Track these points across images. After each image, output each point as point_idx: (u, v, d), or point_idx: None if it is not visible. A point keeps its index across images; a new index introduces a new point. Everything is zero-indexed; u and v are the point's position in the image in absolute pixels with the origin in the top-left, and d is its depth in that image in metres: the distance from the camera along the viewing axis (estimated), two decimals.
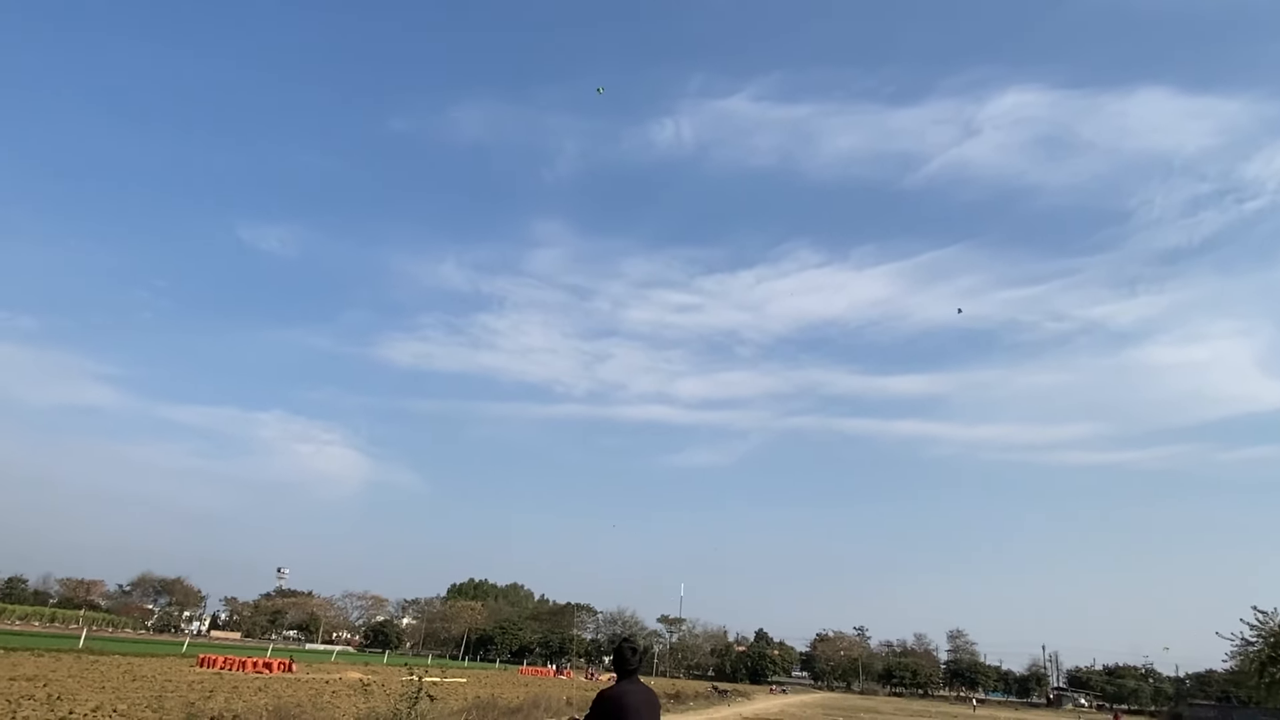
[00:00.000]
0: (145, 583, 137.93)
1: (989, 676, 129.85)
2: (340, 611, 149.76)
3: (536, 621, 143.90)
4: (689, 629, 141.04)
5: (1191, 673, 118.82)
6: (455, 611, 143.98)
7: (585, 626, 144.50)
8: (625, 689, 6.06)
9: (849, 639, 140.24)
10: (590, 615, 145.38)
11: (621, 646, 6.24)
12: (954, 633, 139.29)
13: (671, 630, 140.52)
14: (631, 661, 6.19)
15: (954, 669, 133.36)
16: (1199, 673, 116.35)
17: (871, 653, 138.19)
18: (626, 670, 6.19)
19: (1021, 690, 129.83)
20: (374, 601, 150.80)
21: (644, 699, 6.07)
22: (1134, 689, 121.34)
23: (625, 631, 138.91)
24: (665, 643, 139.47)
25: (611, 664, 6.17)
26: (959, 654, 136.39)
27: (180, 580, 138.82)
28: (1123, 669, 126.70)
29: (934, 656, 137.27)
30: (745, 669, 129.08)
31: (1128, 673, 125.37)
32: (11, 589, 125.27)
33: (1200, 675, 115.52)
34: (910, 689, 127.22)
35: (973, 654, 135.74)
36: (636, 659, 6.23)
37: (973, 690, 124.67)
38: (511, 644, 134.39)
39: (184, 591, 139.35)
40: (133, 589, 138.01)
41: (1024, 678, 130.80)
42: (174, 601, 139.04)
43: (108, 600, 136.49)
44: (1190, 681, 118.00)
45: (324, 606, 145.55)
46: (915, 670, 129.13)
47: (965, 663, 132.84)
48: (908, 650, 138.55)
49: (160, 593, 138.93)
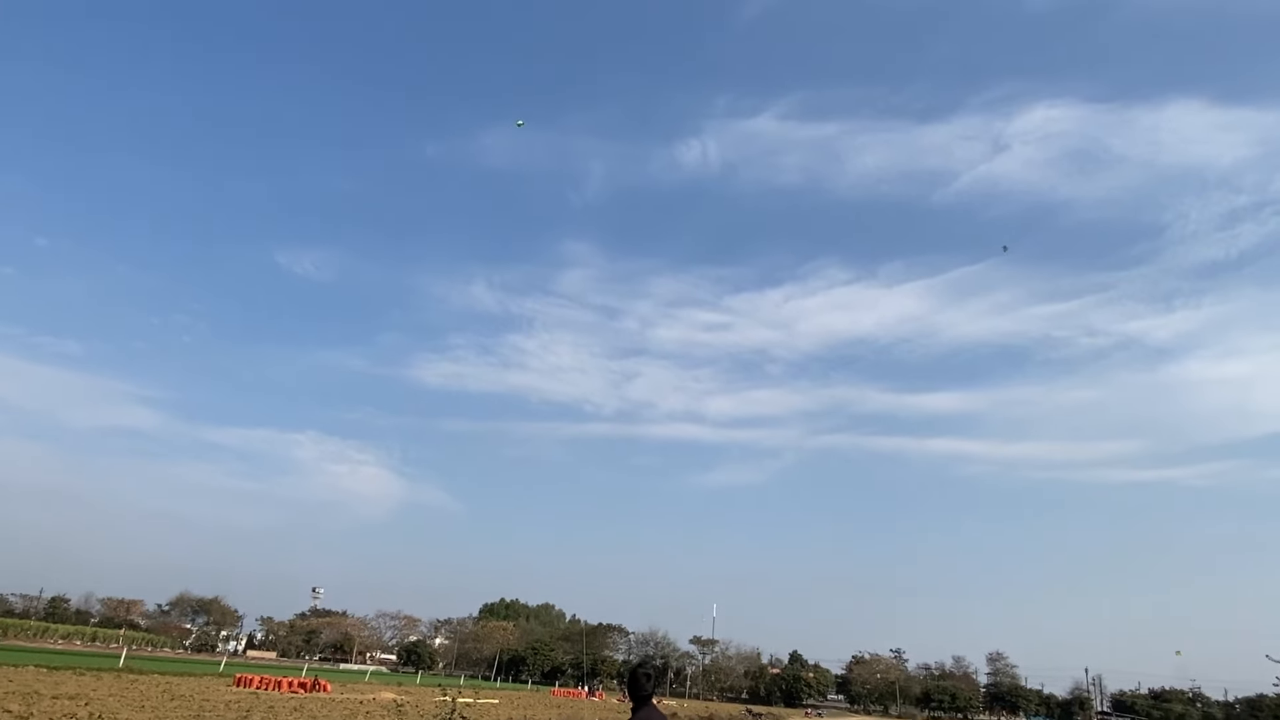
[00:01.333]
0: (183, 602, 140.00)
1: (1030, 700, 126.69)
2: (374, 631, 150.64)
3: (568, 642, 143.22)
4: (722, 650, 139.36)
5: (1241, 697, 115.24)
6: (487, 632, 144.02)
7: (617, 647, 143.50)
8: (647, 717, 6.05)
9: (885, 661, 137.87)
10: (622, 636, 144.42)
11: (635, 673, 6.19)
12: (993, 655, 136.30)
13: (704, 651, 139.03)
14: (646, 687, 6.15)
15: (994, 692, 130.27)
16: (1249, 697, 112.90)
17: (909, 676, 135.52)
18: (641, 696, 6.15)
19: (1065, 715, 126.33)
20: (407, 621, 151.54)
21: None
22: (1181, 713, 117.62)
23: (657, 652, 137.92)
24: (698, 664, 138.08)
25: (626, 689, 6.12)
26: (999, 677, 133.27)
27: (217, 600, 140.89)
28: (1169, 692, 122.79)
29: (973, 680, 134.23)
30: (779, 692, 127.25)
31: (1174, 696, 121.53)
32: (55, 608, 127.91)
33: (1251, 700, 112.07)
34: (949, 713, 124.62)
35: (1013, 677, 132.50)
36: (651, 684, 6.18)
37: (1014, 715, 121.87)
38: (543, 665, 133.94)
39: (221, 611, 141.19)
40: (171, 609, 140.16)
41: (1066, 701, 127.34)
42: (211, 621, 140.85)
43: (147, 620, 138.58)
44: (1240, 706, 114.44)
45: (358, 626, 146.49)
46: (954, 694, 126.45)
47: (1005, 686, 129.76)
48: (946, 673, 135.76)
49: (198, 612, 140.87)
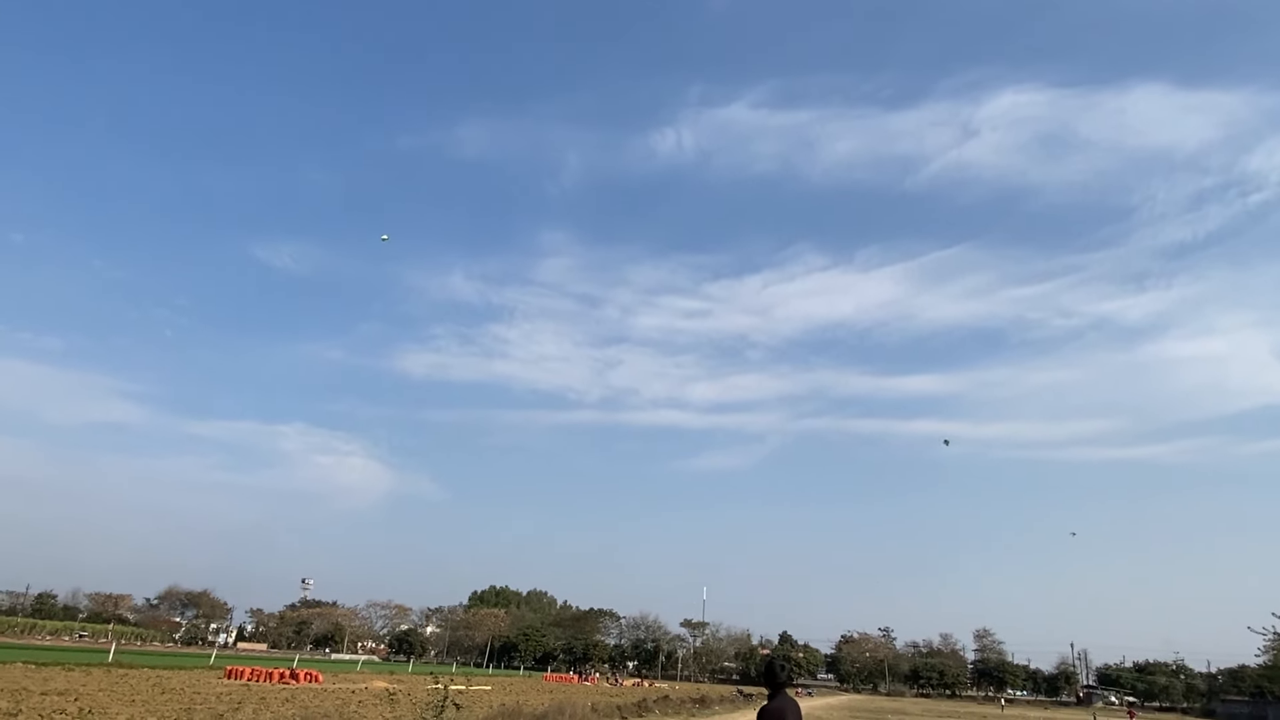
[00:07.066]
0: (172, 596, 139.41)
1: (1017, 676, 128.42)
2: (364, 621, 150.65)
3: (559, 628, 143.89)
4: (712, 632, 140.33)
5: (1224, 668, 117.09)
6: (478, 619, 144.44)
7: (608, 632, 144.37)
8: (783, 704, 6.38)
9: (874, 640, 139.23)
10: (613, 621, 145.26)
11: (772, 664, 6.58)
12: (980, 632, 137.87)
13: (694, 634, 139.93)
14: (780, 676, 6.50)
15: (981, 669, 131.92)
16: (1231, 668, 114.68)
17: (897, 654, 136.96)
18: (776, 684, 6.50)
19: (1050, 689, 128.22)
20: (397, 611, 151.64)
21: (795, 711, 6.42)
22: (1165, 685, 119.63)
23: (648, 636, 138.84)
24: (689, 647, 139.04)
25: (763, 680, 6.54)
26: (986, 654, 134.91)
27: (206, 593, 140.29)
28: (1153, 665, 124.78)
29: (961, 657, 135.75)
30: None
31: (1158, 669, 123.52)
32: (42, 604, 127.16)
33: (1233, 671, 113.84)
34: (937, 690, 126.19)
35: (1000, 653, 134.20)
36: (785, 674, 6.57)
37: (1001, 690, 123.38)
38: (535, 651, 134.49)
39: (210, 604, 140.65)
40: (160, 602, 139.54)
41: (1053, 676, 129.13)
42: (201, 614, 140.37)
43: (135, 614, 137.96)
44: (1223, 677, 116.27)
45: (348, 616, 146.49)
46: (942, 671, 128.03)
47: (993, 662, 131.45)
48: (934, 651, 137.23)
49: (187, 605, 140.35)
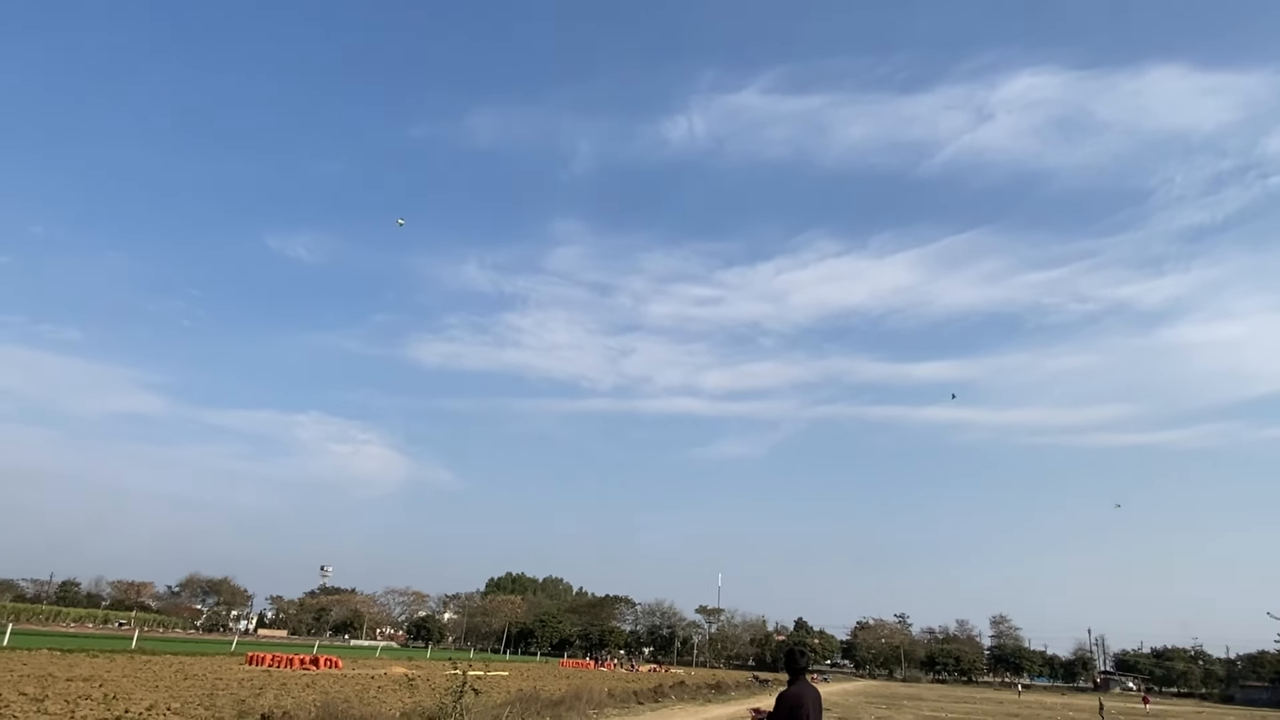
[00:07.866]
0: (193, 584, 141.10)
1: (1034, 661, 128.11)
2: (383, 608, 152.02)
3: (575, 614, 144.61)
4: (728, 619, 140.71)
5: (1243, 654, 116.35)
6: (495, 606, 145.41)
7: (624, 618, 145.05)
8: (801, 690, 6.62)
9: (890, 626, 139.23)
10: (629, 607, 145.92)
11: (792, 650, 6.89)
12: (997, 618, 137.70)
13: (710, 620, 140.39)
14: (800, 663, 6.79)
15: (998, 654, 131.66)
16: (1250, 654, 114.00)
17: (913, 640, 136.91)
18: (796, 670, 6.79)
19: (1068, 674, 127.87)
20: (415, 597, 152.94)
21: (814, 697, 6.64)
22: (1183, 671, 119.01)
23: (664, 622, 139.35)
24: (704, 633, 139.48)
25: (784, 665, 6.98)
26: (1002, 639, 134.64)
27: (227, 580, 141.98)
28: (1171, 651, 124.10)
29: (977, 643, 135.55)
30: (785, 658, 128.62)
31: (1176, 655, 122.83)
32: (66, 592, 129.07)
33: (1252, 656, 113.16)
34: (954, 676, 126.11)
35: (1017, 639, 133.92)
36: (805, 661, 6.84)
37: (1017, 675, 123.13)
38: (551, 637, 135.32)
39: (231, 591, 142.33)
40: (181, 590, 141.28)
41: (1070, 662, 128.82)
42: (221, 601, 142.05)
43: (157, 601, 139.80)
44: (1241, 663, 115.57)
45: (367, 603, 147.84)
46: (958, 657, 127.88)
47: (1009, 648, 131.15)
48: (950, 637, 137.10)
49: (208, 593, 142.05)
